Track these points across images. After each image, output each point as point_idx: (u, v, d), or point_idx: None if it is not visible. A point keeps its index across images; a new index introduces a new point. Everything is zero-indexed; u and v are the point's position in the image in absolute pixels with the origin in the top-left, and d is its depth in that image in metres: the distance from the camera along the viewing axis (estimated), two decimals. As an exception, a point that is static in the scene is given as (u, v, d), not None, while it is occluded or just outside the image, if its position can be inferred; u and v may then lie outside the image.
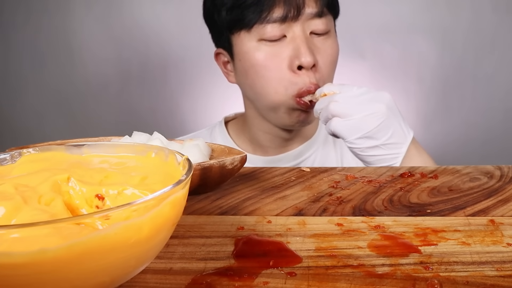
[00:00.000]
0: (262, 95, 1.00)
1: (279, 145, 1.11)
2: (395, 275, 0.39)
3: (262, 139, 1.11)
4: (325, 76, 0.98)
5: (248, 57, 0.99)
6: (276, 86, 0.97)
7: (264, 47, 0.96)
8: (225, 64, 1.10)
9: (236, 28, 0.98)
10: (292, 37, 0.95)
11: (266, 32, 0.95)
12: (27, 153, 0.46)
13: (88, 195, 0.39)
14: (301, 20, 0.95)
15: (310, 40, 0.96)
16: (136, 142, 0.55)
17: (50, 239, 0.28)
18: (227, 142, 1.14)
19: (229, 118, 1.21)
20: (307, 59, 0.93)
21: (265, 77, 0.98)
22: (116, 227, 0.30)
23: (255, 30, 0.96)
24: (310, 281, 0.38)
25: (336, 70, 1.04)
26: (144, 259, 0.34)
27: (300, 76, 0.95)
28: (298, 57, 0.94)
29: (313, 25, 0.96)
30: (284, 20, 0.94)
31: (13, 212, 0.34)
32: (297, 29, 0.95)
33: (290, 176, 0.67)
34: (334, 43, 1.00)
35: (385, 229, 0.48)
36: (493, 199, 0.56)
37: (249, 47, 0.98)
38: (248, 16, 0.95)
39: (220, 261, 0.42)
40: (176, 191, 0.34)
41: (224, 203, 0.56)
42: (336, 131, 0.84)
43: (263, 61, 0.97)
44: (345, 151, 1.13)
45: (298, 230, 0.48)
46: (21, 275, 0.29)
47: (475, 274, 0.39)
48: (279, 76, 0.96)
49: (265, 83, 0.98)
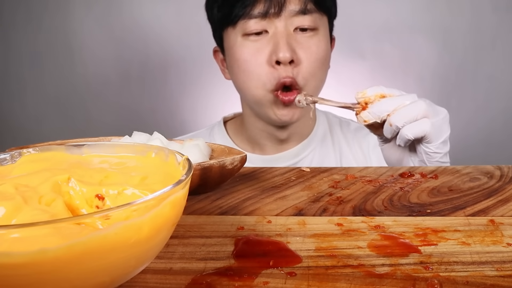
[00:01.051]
0: (244, 90, 1.03)
1: (276, 143, 1.12)
2: (395, 275, 0.39)
3: (259, 137, 1.12)
4: (307, 73, 0.98)
5: (233, 52, 1.01)
6: (256, 80, 0.99)
7: (247, 42, 0.99)
8: (222, 62, 1.13)
9: (225, 24, 1.01)
10: (274, 32, 0.97)
11: (248, 27, 0.97)
12: (27, 153, 0.46)
13: (88, 195, 0.39)
14: (284, 17, 0.96)
15: (293, 36, 0.97)
16: (136, 142, 0.55)
17: (50, 239, 0.28)
18: (226, 142, 1.15)
19: (228, 118, 1.22)
20: (285, 54, 0.94)
21: (246, 72, 1.00)
22: (116, 227, 0.30)
23: (239, 25, 0.98)
24: (310, 281, 0.38)
25: (336, 70, 1.04)
26: (144, 259, 0.34)
27: (278, 70, 0.96)
28: (276, 52, 0.95)
29: (297, 21, 0.97)
30: (265, 16, 0.96)
31: (13, 212, 0.34)
32: (279, 25, 0.96)
33: (290, 176, 0.67)
34: (321, 41, 1.00)
35: (385, 229, 0.48)
36: (493, 199, 0.56)
37: (234, 42, 1.00)
38: (234, 12, 0.97)
39: (220, 261, 0.42)
40: (176, 191, 0.34)
41: (224, 203, 0.56)
42: (427, 133, 0.75)
43: (245, 56, 0.99)
44: (344, 150, 1.14)
45: (298, 230, 0.48)
46: (21, 275, 0.29)
47: (475, 274, 0.39)
48: (259, 71, 0.98)
49: (246, 78, 1.01)
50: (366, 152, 1.13)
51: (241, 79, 1.02)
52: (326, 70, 1.05)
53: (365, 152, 1.13)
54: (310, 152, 1.12)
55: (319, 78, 1.02)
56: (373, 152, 1.13)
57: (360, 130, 1.18)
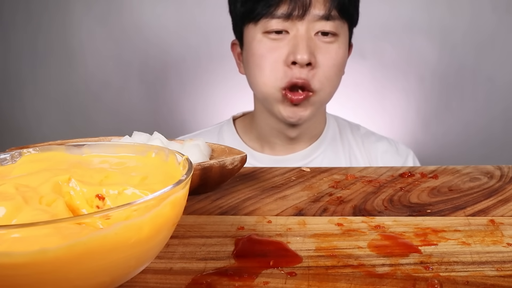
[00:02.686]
0: (255, 85, 1.04)
1: (286, 141, 1.12)
2: (395, 275, 0.39)
3: (269, 135, 1.12)
4: (324, 77, 0.99)
5: (252, 47, 1.02)
6: (268, 77, 1.00)
7: (266, 40, 1.00)
8: (238, 55, 1.13)
9: (247, 20, 1.02)
10: (295, 34, 0.97)
11: (269, 25, 0.98)
12: (28, 153, 0.46)
13: (88, 195, 0.39)
14: (307, 20, 0.96)
15: (313, 40, 0.98)
16: (136, 142, 0.55)
17: (51, 239, 0.28)
18: (235, 139, 1.16)
19: (237, 116, 1.23)
20: (303, 56, 0.95)
21: (260, 67, 1.01)
22: (117, 227, 0.30)
23: (261, 23, 0.99)
24: (310, 281, 0.38)
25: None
26: (145, 259, 0.34)
27: (292, 70, 0.97)
28: (294, 53, 0.96)
29: (318, 26, 0.97)
30: (288, 17, 0.96)
31: (13, 212, 0.34)
32: (301, 28, 0.97)
33: (290, 176, 0.67)
34: (340, 47, 1.01)
35: (385, 229, 0.48)
36: (493, 199, 0.56)
37: (253, 38, 1.01)
38: (257, 9, 0.98)
39: (220, 261, 0.42)
40: (176, 191, 0.34)
41: (224, 203, 0.56)
42: None
43: (262, 52, 1.00)
44: (354, 153, 1.14)
45: (298, 230, 0.48)
46: (21, 275, 0.29)
47: (475, 274, 0.39)
48: (273, 68, 0.99)
49: (259, 72, 1.01)
50: (374, 157, 1.14)
51: (254, 73, 1.03)
52: (341, 77, 1.06)
53: (372, 158, 1.14)
54: (320, 153, 1.12)
55: (335, 83, 1.04)
56: (381, 159, 1.14)
57: (369, 136, 1.19)
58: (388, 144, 1.17)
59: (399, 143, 1.20)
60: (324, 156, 1.12)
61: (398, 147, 1.18)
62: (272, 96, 1.01)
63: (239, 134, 1.18)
